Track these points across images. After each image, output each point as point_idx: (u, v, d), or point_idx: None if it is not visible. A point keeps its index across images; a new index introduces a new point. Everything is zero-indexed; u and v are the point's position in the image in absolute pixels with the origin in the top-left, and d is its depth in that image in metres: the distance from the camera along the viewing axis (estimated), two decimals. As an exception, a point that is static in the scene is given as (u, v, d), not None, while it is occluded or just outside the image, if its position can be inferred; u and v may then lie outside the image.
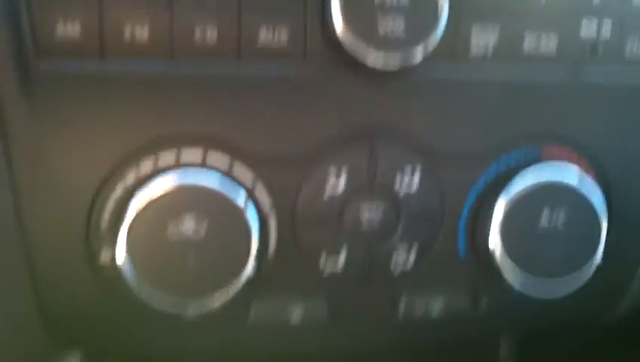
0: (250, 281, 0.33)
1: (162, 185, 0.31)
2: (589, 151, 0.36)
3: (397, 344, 0.40)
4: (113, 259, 0.32)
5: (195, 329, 0.36)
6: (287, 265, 0.35)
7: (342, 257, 0.35)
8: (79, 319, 0.36)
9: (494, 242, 0.34)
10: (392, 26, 0.30)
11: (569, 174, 0.34)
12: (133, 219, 0.31)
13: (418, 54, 0.31)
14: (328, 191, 0.34)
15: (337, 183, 0.34)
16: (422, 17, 0.30)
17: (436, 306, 0.37)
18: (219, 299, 0.32)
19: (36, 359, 0.44)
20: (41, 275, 0.34)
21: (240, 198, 0.32)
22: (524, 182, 0.34)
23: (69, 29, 0.30)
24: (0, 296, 0.35)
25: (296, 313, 0.36)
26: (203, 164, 0.32)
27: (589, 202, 0.34)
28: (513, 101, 0.35)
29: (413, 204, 0.35)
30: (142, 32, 0.30)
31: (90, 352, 0.43)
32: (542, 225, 0.34)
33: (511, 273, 0.35)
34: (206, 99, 0.32)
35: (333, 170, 0.34)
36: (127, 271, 0.31)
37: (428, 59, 0.32)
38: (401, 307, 0.37)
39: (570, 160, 0.36)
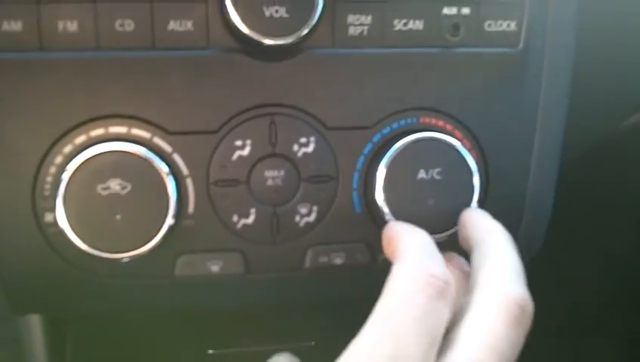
0: (173, 237, 0.39)
1: (93, 151, 0.38)
2: (462, 120, 0.43)
3: (305, 296, 0.45)
4: (55, 218, 0.38)
5: (130, 287, 0.42)
6: (204, 223, 0.41)
7: (251, 215, 0.41)
8: (33, 283, 0.42)
9: (380, 199, 0.41)
10: (276, 12, 0.37)
11: (439, 135, 0.41)
12: (69, 180, 0.37)
13: (303, 30, 0.37)
14: (236, 159, 0.40)
15: (243, 152, 0.40)
16: (300, 4, 0.38)
17: (338, 259, 0.43)
18: (144, 248, 0.38)
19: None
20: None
21: (159, 164, 0.38)
22: (399, 146, 0.41)
23: (12, 26, 0.37)
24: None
25: (215, 265, 0.42)
26: (128, 137, 0.39)
27: (458, 152, 0.41)
28: (390, 77, 0.41)
29: (310, 168, 0.41)
30: (72, 26, 0.37)
31: (49, 316, 0.49)
32: (417, 179, 0.40)
33: None
34: (127, 83, 0.39)
35: (239, 140, 0.40)
36: (66, 227, 0.38)
37: (312, 38, 0.38)
38: (307, 260, 0.43)
39: (445, 130, 0.42)
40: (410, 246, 0.34)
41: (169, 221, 0.38)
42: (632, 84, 0.53)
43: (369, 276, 0.43)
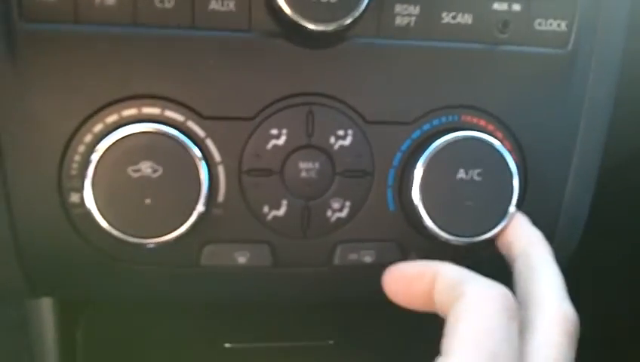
0: (201, 224, 0.38)
1: (124, 132, 0.36)
2: (504, 121, 0.41)
3: (332, 293, 0.44)
4: (82, 199, 0.37)
5: (153, 274, 0.41)
6: (234, 213, 0.39)
7: (283, 207, 0.40)
8: (53, 264, 0.41)
9: (417, 198, 0.39)
10: None
11: (481, 135, 0.40)
12: (98, 160, 0.36)
13: (348, 18, 0.36)
14: (270, 148, 0.39)
15: (279, 141, 0.39)
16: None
17: (368, 257, 0.42)
18: (172, 234, 0.37)
19: (13, 302, 0.48)
20: (19, 220, 0.38)
21: (192, 148, 0.37)
22: (439, 144, 0.39)
23: (48, -3, 0.36)
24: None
25: (242, 256, 0.40)
26: (161, 119, 0.37)
27: (500, 153, 0.39)
28: (434, 72, 0.40)
29: (346, 162, 0.40)
30: (109, 0, 0.36)
31: (63, 299, 0.48)
32: (456, 179, 0.39)
33: (433, 224, 0.40)
34: (163, 62, 0.37)
35: (275, 129, 0.39)
36: (93, 208, 0.36)
37: (357, 26, 0.37)
38: (336, 256, 0.41)
39: (486, 130, 0.41)
40: (461, 272, 0.35)
41: (199, 208, 0.37)
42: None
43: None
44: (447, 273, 0.35)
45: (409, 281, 0.37)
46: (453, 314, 0.32)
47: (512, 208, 0.40)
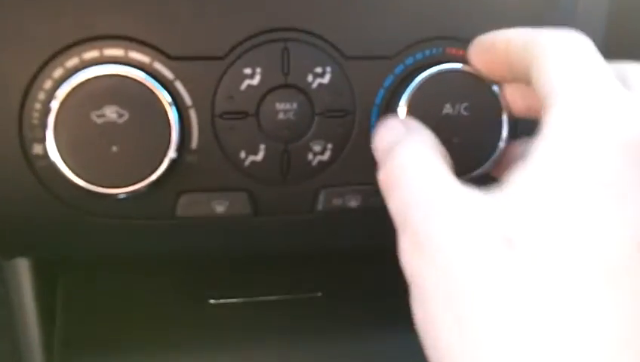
0: (175, 173, 0.36)
1: (86, 75, 0.34)
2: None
3: (316, 241, 0.42)
4: (45, 150, 0.35)
5: (127, 228, 0.39)
6: (209, 160, 0.37)
7: (260, 152, 0.37)
8: (21, 223, 0.39)
9: (402, 136, 0.37)
10: None
11: (467, 67, 0.37)
12: (59, 107, 0.34)
13: None
14: (244, 88, 0.36)
15: (253, 81, 0.36)
16: None
17: (354, 201, 0.40)
18: (143, 183, 0.35)
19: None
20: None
21: (160, 91, 0.35)
22: (423, 78, 0.37)
23: None
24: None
25: (220, 206, 0.38)
26: (125, 61, 0.35)
27: (487, 85, 0.37)
28: (415, 1, 0.38)
29: (325, 102, 0.37)
30: None
31: (38, 260, 0.46)
32: (442, 115, 0.37)
33: None
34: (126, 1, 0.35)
35: (248, 68, 0.36)
36: (57, 159, 0.34)
37: None
38: (320, 202, 0.39)
39: (471, 62, 0.39)
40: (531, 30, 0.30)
41: (171, 154, 0.35)
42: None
43: (385, 222, 0.40)
44: (519, 35, 0.31)
45: (487, 50, 0.34)
46: (534, 69, 0.27)
47: (502, 143, 0.38)
